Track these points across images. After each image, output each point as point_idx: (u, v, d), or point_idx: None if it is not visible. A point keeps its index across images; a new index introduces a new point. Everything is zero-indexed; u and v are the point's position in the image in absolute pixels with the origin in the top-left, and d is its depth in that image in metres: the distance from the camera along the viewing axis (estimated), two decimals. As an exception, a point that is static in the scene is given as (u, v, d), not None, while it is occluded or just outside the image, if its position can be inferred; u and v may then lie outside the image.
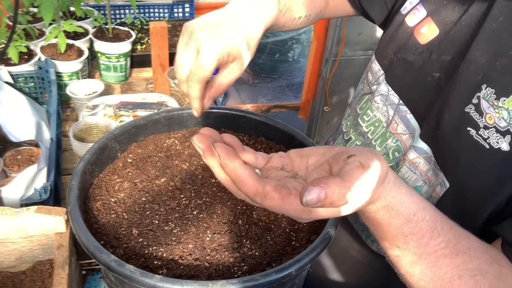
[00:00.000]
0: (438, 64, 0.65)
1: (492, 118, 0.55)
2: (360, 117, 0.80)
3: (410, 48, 0.69)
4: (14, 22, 0.82)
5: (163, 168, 0.70)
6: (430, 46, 0.66)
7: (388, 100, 0.73)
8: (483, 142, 0.56)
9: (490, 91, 0.56)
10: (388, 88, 0.72)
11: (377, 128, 0.75)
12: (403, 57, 0.70)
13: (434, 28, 0.66)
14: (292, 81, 3.29)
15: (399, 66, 0.71)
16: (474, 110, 0.58)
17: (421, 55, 0.67)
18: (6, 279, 0.71)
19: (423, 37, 0.67)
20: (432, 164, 0.64)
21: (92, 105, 1.09)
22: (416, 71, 0.68)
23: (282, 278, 0.50)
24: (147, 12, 1.56)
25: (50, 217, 0.67)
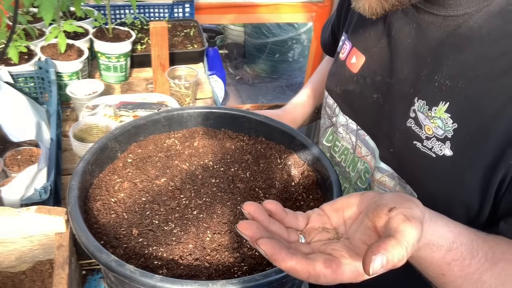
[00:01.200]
0: (373, 86, 0.71)
1: (430, 129, 0.60)
2: (332, 149, 0.86)
3: (348, 78, 0.76)
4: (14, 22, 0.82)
5: (163, 168, 0.70)
6: (362, 72, 0.73)
7: (348, 128, 0.79)
8: (430, 152, 0.61)
9: (422, 102, 0.61)
10: (346, 118, 0.79)
11: (347, 156, 0.81)
12: (345, 88, 0.77)
13: (360, 55, 0.73)
14: (292, 81, 3.29)
15: (346, 97, 0.78)
16: (414, 123, 0.62)
17: (358, 82, 0.74)
18: (6, 279, 0.71)
19: (354, 66, 0.74)
20: (396, 179, 0.69)
21: (92, 105, 1.09)
22: (358, 97, 0.74)
23: (282, 278, 0.50)
24: (147, 12, 1.56)
25: (50, 217, 0.67)
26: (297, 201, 0.67)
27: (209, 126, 0.79)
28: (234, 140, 0.78)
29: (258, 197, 0.67)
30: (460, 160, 0.58)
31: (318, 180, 0.70)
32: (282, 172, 0.72)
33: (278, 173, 0.72)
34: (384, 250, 0.38)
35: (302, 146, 0.73)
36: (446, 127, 0.58)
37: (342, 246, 0.43)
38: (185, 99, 1.20)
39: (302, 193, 0.69)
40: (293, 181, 0.71)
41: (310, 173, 0.71)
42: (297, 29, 3.09)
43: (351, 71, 0.75)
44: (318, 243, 0.45)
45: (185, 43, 1.46)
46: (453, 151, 0.58)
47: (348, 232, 0.46)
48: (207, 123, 0.79)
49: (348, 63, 0.76)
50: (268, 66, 3.27)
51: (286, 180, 0.71)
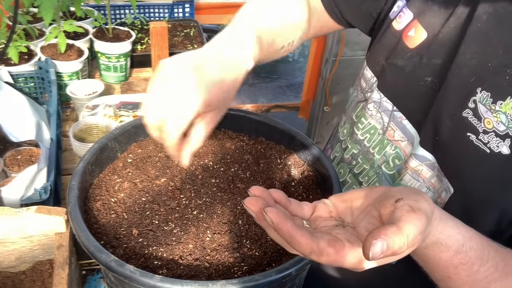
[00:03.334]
0: (429, 68, 0.64)
1: (491, 123, 0.55)
2: (355, 125, 0.79)
3: (399, 52, 0.67)
4: (14, 22, 0.82)
5: (163, 168, 0.70)
6: (419, 50, 0.65)
7: (382, 107, 0.72)
8: (484, 147, 0.56)
9: (485, 94, 0.56)
10: (380, 95, 0.71)
11: (373, 136, 0.75)
12: (393, 62, 0.69)
13: (421, 31, 0.65)
14: (292, 81, 3.29)
15: (390, 72, 0.70)
16: (472, 115, 0.58)
17: (411, 59, 0.66)
18: (6, 279, 0.71)
19: (412, 40, 0.66)
20: (435, 170, 0.64)
21: (92, 105, 1.09)
22: (407, 76, 0.67)
23: (282, 278, 0.50)
24: (147, 12, 1.56)
25: (50, 217, 0.67)
26: (297, 201, 0.67)
27: (209, 126, 0.79)
28: (234, 140, 0.78)
29: (258, 197, 0.67)
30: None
31: (318, 180, 0.70)
32: (282, 172, 0.72)
33: (278, 173, 0.72)
34: (384, 235, 0.38)
35: (302, 146, 0.73)
36: (509, 124, 0.54)
37: (347, 232, 0.43)
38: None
39: (302, 193, 0.68)
40: (293, 181, 0.71)
41: (310, 173, 0.71)
42: (297, 29, 3.08)
43: (406, 45, 0.66)
44: (324, 228, 0.45)
45: (185, 43, 1.46)
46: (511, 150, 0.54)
47: (354, 222, 0.46)
48: (207, 123, 0.79)
49: (404, 35, 0.67)
50: (268, 66, 3.27)
51: (286, 180, 0.71)
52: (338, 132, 0.88)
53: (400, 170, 0.72)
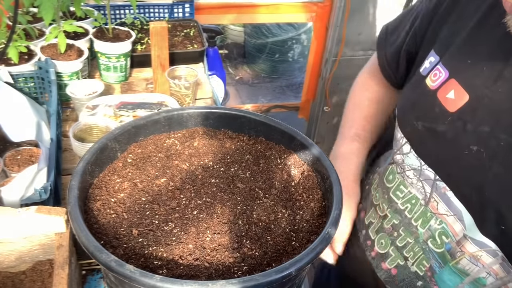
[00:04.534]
0: (475, 135, 0.56)
1: None
2: (393, 192, 0.71)
3: (438, 116, 0.60)
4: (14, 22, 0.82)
5: (163, 168, 0.70)
6: (461, 114, 0.57)
7: (423, 175, 0.64)
8: None
9: None
10: (420, 162, 0.64)
11: (415, 206, 0.67)
12: (431, 126, 0.61)
13: (462, 93, 0.57)
14: (292, 81, 3.29)
15: (427, 137, 0.62)
16: None
17: (453, 124, 0.58)
18: (6, 279, 0.71)
19: (451, 103, 0.58)
20: (499, 258, 0.56)
21: (92, 105, 1.09)
22: (449, 143, 0.59)
23: (282, 278, 0.50)
24: (147, 12, 1.56)
25: (50, 217, 0.67)
26: (297, 201, 0.67)
27: (209, 126, 0.79)
28: (234, 140, 0.78)
29: (258, 197, 0.67)
30: None
31: (318, 180, 0.70)
32: (282, 172, 0.72)
33: (278, 173, 0.72)
34: None
35: (302, 146, 0.73)
36: None
37: None
38: (185, 99, 1.20)
39: (302, 193, 0.68)
40: (293, 181, 0.71)
41: (310, 173, 0.71)
42: (297, 29, 3.08)
43: (445, 108, 0.59)
44: None
45: (185, 43, 1.46)
46: None
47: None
48: (207, 123, 0.79)
49: (442, 96, 0.59)
50: (268, 66, 3.27)
51: (286, 180, 0.71)
52: (371, 194, 0.81)
53: (451, 251, 0.64)
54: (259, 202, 0.66)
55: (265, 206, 0.65)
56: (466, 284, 0.62)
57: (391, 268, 0.70)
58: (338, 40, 2.11)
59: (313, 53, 2.23)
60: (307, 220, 0.64)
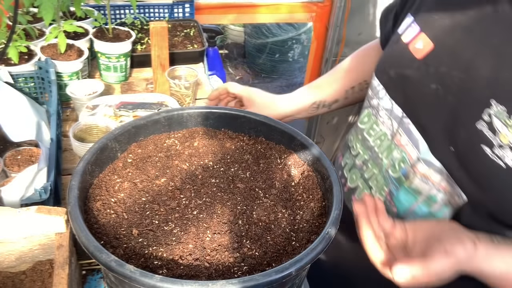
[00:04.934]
0: (435, 76, 0.66)
1: (506, 137, 0.55)
2: (366, 131, 0.82)
3: (408, 63, 0.71)
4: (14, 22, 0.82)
5: (163, 168, 0.70)
6: (426, 60, 0.68)
7: (392, 114, 0.75)
8: (499, 161, 0.57)
9: (501, 109, 0.56)
10: (391, 102, 0.75)
11: (383, 142, 0.78)
12: (402, 72, 0.72)
13: (428, 42, 0.68)
14: (292, 81, 3.29)
15: (398, 82, 0.73)
16: (487, 128, 0.58)
17: (419, 69, 0.69)
18: (6, 279, 0.71)
19: (419, 52, 0.69)
20: (444, 175, 0.66)
21: (92, 105, 1.09)
22: (415, 85, 0.70)
23: (282, 278, 0.50)
24: (147, 12, 1.56)
25: (50, 217, 0.67)
26: (297, 201, 0.67)
27: (209, 126, 0.79)
28: (234, 140, 0.78)
29: (258, 197, 0.67)
30: None
31: (318, 180, 0.70)
32: (282, 172, 0.72)
33: (278, 173, 0.72)
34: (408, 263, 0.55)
35: (302, 146, 0.73)
36: None
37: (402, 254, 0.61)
38: (185, 99, 1.20)
39: (302, 193, 0.69)
40: (293, 181, 0.71)
41: (310, 173, 0.71)
42: (297, 29, 3.09)
43: (414, 56, 0.70)
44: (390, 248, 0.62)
45: (185, 43, 1.46)
46: None
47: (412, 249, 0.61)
48: (207, 123, 0.79)
49: (412, 47, 0.71)
50: (268, 66, 3.28)
51: (286, 180, 0.71)
52: (347, 140, 0.91)
53: (406, 173, 0.73)
54: (259, 202, 0.66)
55: (265, 206, 0.65)
56: (420, 203, 0.71)
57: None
58: (338, 40, 2.11)
59: (313, 53, 2.23)
60: (307, 220, 0.64)
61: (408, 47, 0.71)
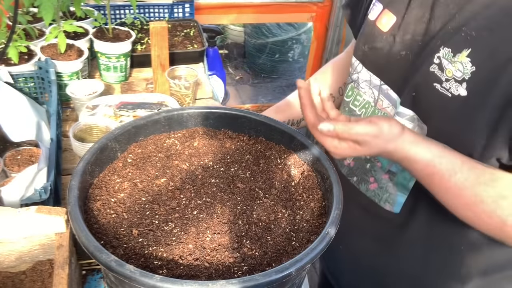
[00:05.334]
0: (401, 44, 0.76)
1: (451, 71, 0.68)
2: (352, 103, 0.90)
3: (376, 37, 0.81)
4: (14, 22, 0.82)
5: (163, 168, 0.70)
6: (392, 31, 0.78)
7: (372, 83, 0.84)
8: (446, 92, 0.68)
9: (447, 50, 0.68)
10: (369, 74, 0.84)
11: (367, 109, 0.86)
12: (373, 45, 0.82)
13: (391, 16, 0.79)
14: (292, 81, 3.29)
15: (372, 54, 0.83)
16: (437, 68, 0.70)
17: (387, 41, 0.79)
18: (6, 279, 0.71)
19: (385, 26, 0.79)
20: (415, 122, 0.75)
21: (92, 105, 1.09)
22: (386, 55, 0.79)
23: (282, 278, 0.50)
24: (147, 12, 1.56)
25: (50, 217, 0.67)
26: (297, 201, 0.67)
27: (209, 126, 0.79)
28: (234, 140, 0.78)
29: (258, 197, 0.67)
30: (472, 99, 0.66)
31: (318, 180, 0.70)
32: (282, 172, 0.72)
33: (278, 173, 0.72)
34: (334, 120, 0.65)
35: (302, 146, 0.73)
36: (465, 70, 0.66)
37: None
38: (185, 99, 1.20)
39: (302, 193, 0.69)
40: (293, 181, 0.71)
41: (310, 173, 0.71)
42: (297, 29, 3.08)
43: (381, 30, 0.80)
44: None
45: (185, 43, 1.46)
46: (467, 91, 0.66)
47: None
48: (207, 123, 0.79)
49: (378, 23, 0.81)
50: (268, 66, 3.27)
51: (286, 180, 0.71)
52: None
53: None
54: (259, 202, 0.66)
55: (265, 206, 0.65)
56: None
57: (350, 162, 0.90)
58: (338, 40, 2.11)
59: (313, 53, 2.23)
60: (307, 220, 0.64)
61: (375, 23, 0.81)
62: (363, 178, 0.87)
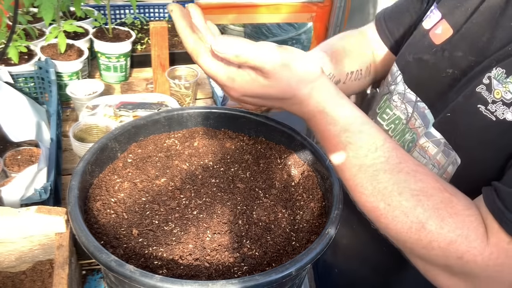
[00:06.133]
0: (450, 61, 0.68)
1: (500, 93, 0.59)
2: (379, 115, 0.82)
3: (426, 48, 0.72)
4: (14, 22, 0.82)
5: (163, 168, 0.70)
6: (443, 45, 0.70)
7: (406, 98, 0.76)
8: (491, 116, 0.60)
9: (501, 71, 0.60)
10: (405, 86, 0.76)
11: (397, 126, 0.78)
12: (419, 56, 0.74)
13: (448, 28, 0.70)
14: (292, 81, 3.29)
15: (415, 66, 0.75)
16: (485, 89, 0.61)
17: (435, 54, 0.70)
18: (6, 279, 0.71)
19: (438, 37, 0.71)
20: (441, 146, 0.67)
21: (92, 105, 1.09)
22: (430, 69, 0.71)
23: (282, 278, 0.50)
24: (147, 12, 1.56)
25: (50, 217, 0.67)
26: (297, 201, 0.67)
27: (209, 126, 0.79)
28: (234, 140, 0.78)
29: (258, 197, 0.67)
30: None
31: (318, 180, 0.70)
32: (282, 172, 0.72)
33: (278, 173, 0.72)
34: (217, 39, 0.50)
35: (302, 146, 0.73)
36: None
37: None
38: (185, 99, 1.20)
39: (302, 193, 0.69)
40: (293, 181, 0.71)
41: (310, 173, 0.71)
42: (297, 29, 3.08)
43: (432, 41, 0.72)
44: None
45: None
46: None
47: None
48: (207, 123, 0.79)
49: (432, 33, 0.73)
50: (268, 66, 3.27)
51: (286, 180, 0.71)
52: None
53: (410, 151, 0.75)
54: (259, 202, 0.66)
55: (265, 206, 0.65)
56: None
57: None
58: (338, 40, 2.11)
59: (313, 53, 2.23)
60: (307, 220, 0.64)
61: (428, 33, 0.73)
62: None
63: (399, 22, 0.88)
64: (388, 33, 0.90)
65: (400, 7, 0.90)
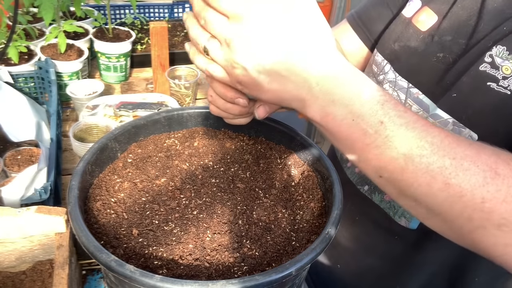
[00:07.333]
0: (439, 45, 0.70)
1: (509, 68, 0.61)
2: None
3: (412, 35, 0.74)
4: (14, 22, 0.82)
5: (163, 168, 0.70)
6: (431, 31, 0.71)
7: (397, 85, 0.76)
8: (505, 91, 0.61)
9: (501, 48, 0.62)
10: (395, 74, 0.76)
11: None
12: (406, 44, 0.74)
13: (431, 14, 0.72)
14: (292, 81, 3.28)
15: (402, 54, 0.75)
16: (489, 67, 0.63)
17: (424, 40, 0.71)
18: (6, 279, 0.71)
19: (423, 24, 0.73)
20: (449, 125, 0.67)
21: (92, 105, 1.09)
22: (420, 55, 0.72)
23: (282, 278, 0.50)
24: (147, 12, 1.56)
25: (50, 217, 0.67)
26: (297, 201, 0.67)
27: (209, 126, 0.79)
28: (234, 140, 0.78)
29: (258, 197, 0.67)
30: None
31: (318, 180, 0.70)
32: (282, 172, 0.72)
33: (278, 173, 0.72)
34: None
35: (302, 146, 0.73)
36: None
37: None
38: (185, 99, 1.20)
39: (302, 193, 0.69)
40: (293, 181, 0.71)
41: (310, 173, 0.71)
42: (297, 29, 3.08)
43: (418, 28, 0.73)
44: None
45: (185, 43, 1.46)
46: None
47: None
48: (207, 123, 0.79)
49: (415, 20, 0.74)
50: (268, 66, 3.27)
51: (286, 180, 0.71)
52: None
53: None
54: (259, 202, 0.66)
55: (265, 206, 0.65)
56: None
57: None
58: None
59: (313, 53, 2.23)
60: (307, 220, 0.64)
61: (411, 21, 0.74)
62: (376, 187, 0.77)
63: (379, 19, 0.87)
64: (368, 32, 0.89)
65: (376, 5, 0.89)
